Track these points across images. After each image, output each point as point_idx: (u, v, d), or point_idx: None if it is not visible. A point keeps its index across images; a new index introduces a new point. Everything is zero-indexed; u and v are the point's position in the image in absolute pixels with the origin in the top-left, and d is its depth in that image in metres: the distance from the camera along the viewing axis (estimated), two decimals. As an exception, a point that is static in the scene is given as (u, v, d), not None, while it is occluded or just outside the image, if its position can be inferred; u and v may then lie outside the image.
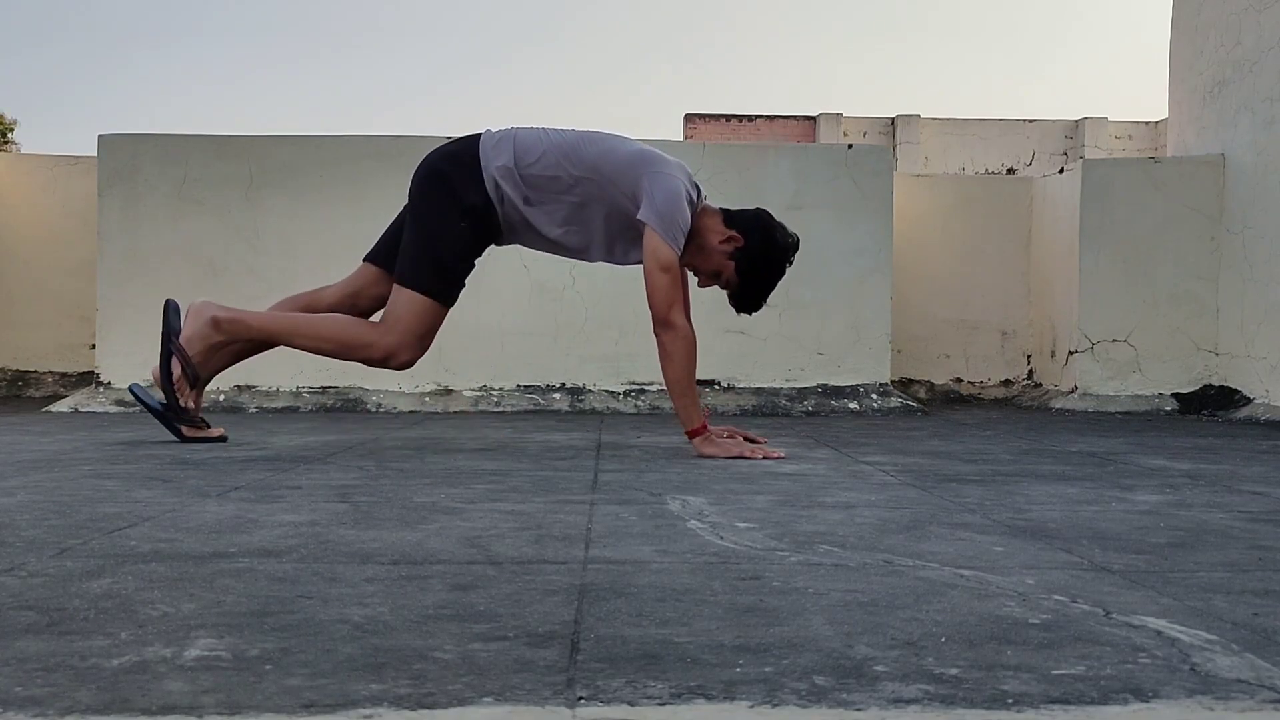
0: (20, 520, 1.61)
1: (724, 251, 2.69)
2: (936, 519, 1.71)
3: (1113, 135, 20.94)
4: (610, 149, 2.67)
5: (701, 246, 2.70)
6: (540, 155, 2.66)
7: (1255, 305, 4.45)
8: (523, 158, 2.66)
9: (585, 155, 2.65)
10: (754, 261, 2.69)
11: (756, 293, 2.74)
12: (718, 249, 2.69)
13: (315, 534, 1.51)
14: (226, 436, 2.87)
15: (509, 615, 1.07)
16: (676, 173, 2.65)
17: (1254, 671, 0.91)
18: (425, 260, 2.69)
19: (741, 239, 2.68)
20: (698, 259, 2.72)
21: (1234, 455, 2.83)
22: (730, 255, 2.69)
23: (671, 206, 2.59)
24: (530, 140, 2.69)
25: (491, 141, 2.70)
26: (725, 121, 21.39)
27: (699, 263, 2.73)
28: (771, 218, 2.76)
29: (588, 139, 2.70)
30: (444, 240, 2.69)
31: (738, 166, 4.56)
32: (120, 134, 4.46)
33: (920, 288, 5.27)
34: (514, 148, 2.67)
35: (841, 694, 0.84)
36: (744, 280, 2.72)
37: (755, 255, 2.69)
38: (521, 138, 2.69)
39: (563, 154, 2.66)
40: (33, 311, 5.08)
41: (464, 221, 2.68)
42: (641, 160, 2.65)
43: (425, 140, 4.51)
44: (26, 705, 0.80)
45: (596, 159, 2.65)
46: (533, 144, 2.68)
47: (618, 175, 2.64)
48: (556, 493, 1.96)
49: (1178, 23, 5.20)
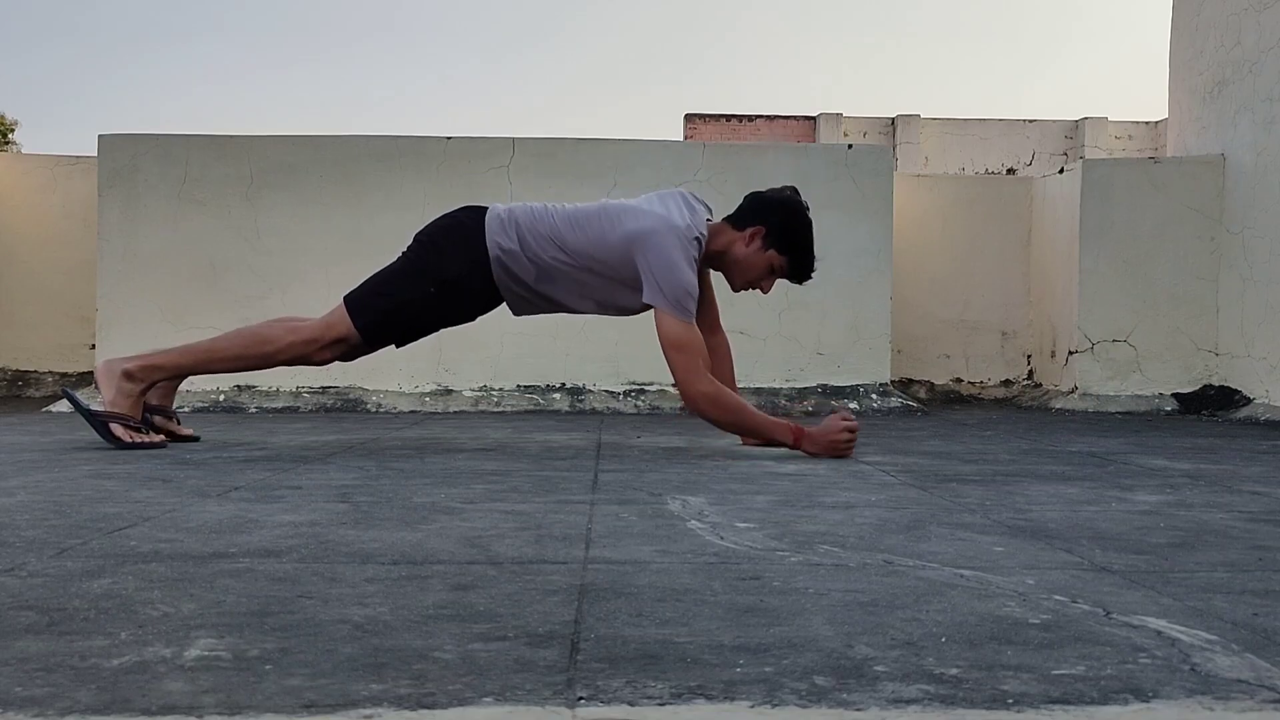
0: (20, 520, 1.61)
1: (759, 249, 2.69)
2: (936, 519, 1.71)
3: (1113, 135, 20.94)
4: (599, 236, 2.62)
5: (738, 261, 2.70)
6: (540, 240, 2.65)
7: (1255, 305, 4.45)
8: (525, 240, 2.65)
9: (578, 245, 2.63)
10: (786, 232, 2.69)
11: (804, 255, 2.73)
12: (751, 252, 2.69)
13: (315, 534, 1.51)
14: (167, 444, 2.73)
15: (509, 615, 1.07)
16: (667, 234, 2.56)
17: (1254, 671, 0.91)
18: (376, 297, 2.70)
19: (761, 227, 2.68)
20: (735, 275, 2.73)
21: (1234, 455, 2.83)
22: (765, 247, 2.69)
23: (672, 278, 2.55)
24: (529, 222, 2.67)
25: (497, 224, 2.68)
26: (725, 121, 21.39)
27: (749, 276, 2.73)
28: (760, 192, 2.77)
29: (577, 223, 2.65)
30: (404, 292, 2.68)
31: (738, 166, 4.56)
32: (120, 134, 4.47)
33: (920, 288, 5.27)
34: (517, 231, 2.66)
35: (841, 694, 0.84)
36: (789, 254, 2.71)
37: (783, 227, 2.69)
38: (522, 220, 2.68)
39: (560, 243, 2.65)
40: (33, 311, 5.08)
41: (433, 288, 2.68)
42: (630, 241, 2.59)
43: (425, 140, 4.53)
44: (26, 705, 0.80)
45: (590, 248, 2.63)
46: (533, 227, 2.66)
47: (613, 265, 2.63)
48: (556, 493, 1.96)
49: (1178, 23, 5.20)
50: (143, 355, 2.74)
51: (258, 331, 2.75)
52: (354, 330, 2.68)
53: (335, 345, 2.69)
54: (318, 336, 2.68)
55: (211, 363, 2.74)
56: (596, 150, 4.55)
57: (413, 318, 2.73)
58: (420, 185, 4.47)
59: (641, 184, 4.53)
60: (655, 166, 4.54)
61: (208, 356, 2.74)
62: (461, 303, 2.74)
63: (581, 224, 2.65)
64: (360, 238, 4.47)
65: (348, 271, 4.44)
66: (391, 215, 4.47)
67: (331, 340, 2.68)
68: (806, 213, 2.74)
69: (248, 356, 2.73)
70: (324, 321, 2.70)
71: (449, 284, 2.68)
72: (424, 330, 2.80)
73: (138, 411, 2.68)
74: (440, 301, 2.70)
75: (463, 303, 2.74)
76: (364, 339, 2.70)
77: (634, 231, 2.59)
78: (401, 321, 2.72)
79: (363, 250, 4.47)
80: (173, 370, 2.73)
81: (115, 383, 2.66)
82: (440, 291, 2.68)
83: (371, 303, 2.69)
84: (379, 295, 2.70)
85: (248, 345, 2.72)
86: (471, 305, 2.76)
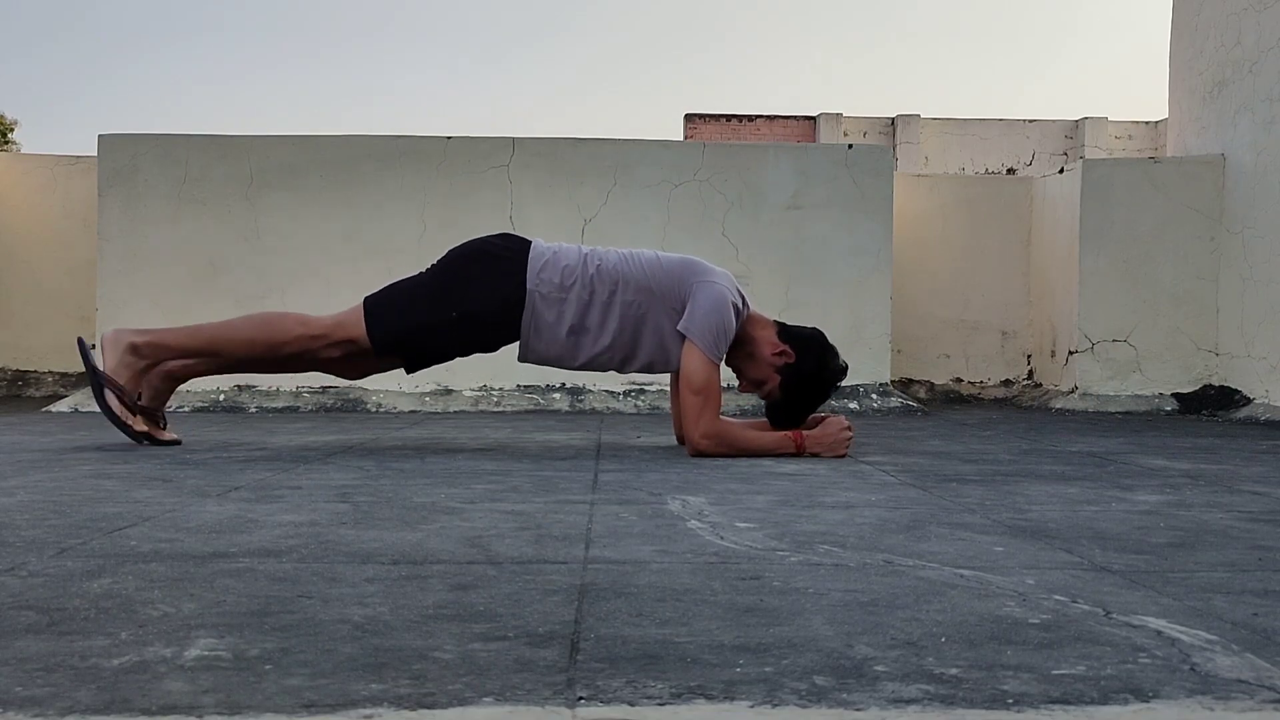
0: (20, 520, 1.61)
1: (774, 364, 2.67)
2: (936, 519, 1.71)
3: (1113, 135, 20.94)
4: (653, 261, 2.66)
5: (752, 355, 2.69)
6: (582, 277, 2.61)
7: (1255, 305, 4.45)
8: (567, 280, 2.61)
9: (633, 275, 2.62)
10: (803, 380, 2.67)
11: (798, 410, 2.70)
12: (768, 360, 2.67)
13: (315, 534, 1.51)
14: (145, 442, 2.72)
15: (509, 615, 1.07)
16: (723, 281, 2.63)
17: (1254, 671, 0.91)
18: (396, 312, 2.63)
19: (793, 355, 2.66)
20: (747, 366, 2.71)
21: (1234, 455, 2.83)
22: (779, 369, 2.67)
23: (716, 317, 2.57)
24: (573, 261, 2.64)
25: (539, 262, 2.63)
26: (725, 121, 21.39)
27: (747, 369, 2.72)
28: (825, 339, 2.73)
29: (630, 256, 2.67)
30: (423, 315, 2.62)
31: (738, 166, 4.56)
32: (120, 134, 4.47)
33: (920, 288, 5.27)
34: (560, 273, 2.62)
35: (841, 694, 0.84)
36: (787, 396, 2.69)
37: (806, 375, 2.67)
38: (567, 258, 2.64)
39: (613, 275, 2.62)
40: (33, 311, 5.08)
41: (454, 314, 2.62)
42: (689, 269, 2.64)
43: (425, 140, 4.53)
44: (26, 705, 0.80)
45: (644, 277, 2.62)
46: (575, 265, 2.63)
47: (666, 289, 2.62)
48: (556, 493, 1.96)
49: (1178, 23, 5.20)
50: (152, 330, 2.69)
51: (268, 318, 2.69)
52: (365, 335, 2.62)
53: (344, 345, 2.63)
54: (327, 332, 2.62)
55: (218, 344, 2.66)
56: (596, 150, 4.54)
57: (427, 341, 2.66)
58: (420, 185, 4.47)
59: (641, 184, 4.54)
60: (655, 166, 4.54)
61: (215, 337, 2.66)
62: (481, 335, 2.68)
63: (634, 257, 2.67)
64: (360, 238, 4.47)
65: (348, 271, 4.46)
66: (391, 215, 4.47)
67: (342, 339, 2.62)
68: (831, 388, 2.72)
69: (256, 342, 2.64)
70: (337, 319, 2.65)
71: (471, 315, 2.62)
72: (438, 357, 2.73)
73: (136, 386, 2.64)
74: (458, 329, 2.64)
75: (483, 335, 2.68)
76: (375, 349, 2.64)
77: (696, 265, 2.66)
78: (416, 343, 2.66)
79: (363, 250, 4.48)
80: (179, 351, 2.66)
81: (119, 353, 2.62)
82: (461, 319, 2.62)
83: (389, 316, 2.63)
84: (398, 311, 2.63)
85: (257, 330, 2.65)
86: (493, 338, 2.70)
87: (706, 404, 2.57)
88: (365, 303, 2.66)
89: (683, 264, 2.66)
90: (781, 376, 2.67)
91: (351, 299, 4.42)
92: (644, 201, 4.53)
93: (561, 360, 2.71)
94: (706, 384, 2.57)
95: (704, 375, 2.57)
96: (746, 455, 2.60)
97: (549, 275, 2.61)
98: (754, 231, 4.51)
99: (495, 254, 2.66)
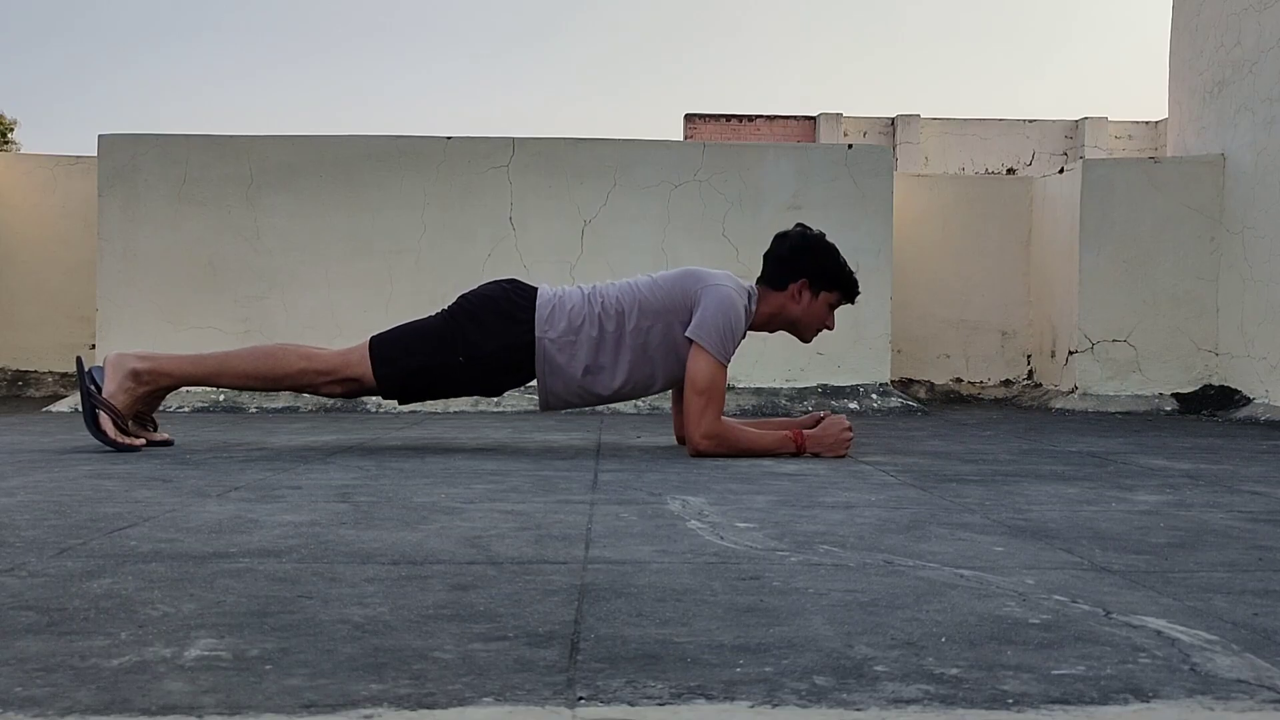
0: (20, 520, 1.61)
1: (810, 299, 2.74)
2: (936, 519, 1.71)
3: (1113, 135, 20.94)
4: (650, 284, 2.69)
5: (799, 319, 2.76)
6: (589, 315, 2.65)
7: (1255, 305, 4.45)
8: (575, 320, 2.64)
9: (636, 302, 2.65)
10: (825, 272, 2.75)
11: (849, 281, 2.78)
12: (806, 304, 2.75)
13: (315, 534, 1.51)
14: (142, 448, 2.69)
15: (509, 615, 1.07)
16: (727, 282, 2.67)
17: (1254, 671, 0.91)
18: (404, 353, 2.65)
19: (802, 279, 2.73)
20: (813, 324, 2.78)
21: (1234, 455, 2.83)
22: (815, 294, 2.74)
23: (722, 318, 2.61)
24: (578, 302, 2.67)
25: (546, 309, 2.66)
26: (725, 121, 21.39)
27: (814, 324, 2.79)
28: (777, 249, 2.78)
29: (628, 287, 2.70)
30: (431, 357, 2.65)
31: (738, 166, 4.56)
32: (120, 134, 4.47)
33: (920, 288, 5.27)
34: (568, 316, 2.65)
35: (841, 694, 0.84)
36: (838, 287, 2.77)
37: (820, 268, 2.74)
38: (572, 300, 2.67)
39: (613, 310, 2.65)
40: (33, 311, 5.08)
41: (462, 358, 2.64)
42: (690, 278, 2.68)
43: (425, 140, 4.53)
44: (26, 705, 0.80)
45: (646, 300, 2.65)
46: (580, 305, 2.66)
47: (672, 303, 2.65)
48: (556, 493, 1.96)
49: (1178, 23, 5.20)
50: (154, 357, 2.68)
51: (272, 352, 2.71)
52: (371, 375, 2.64)
53: (348, 383, 2.66)
54: (333, 370, 2.65)
55: (220, 377, 2.69)
56: (596, 150, 4.55)
57: (434, 382, 2.69)
58: (420, 185, 4.47)
59: (641, 184, 4.54)
60: (655, 166, 4.54)
61: (218, 369, 2.69)
62: (487, 379, 2.71)
63: (633, 284, 2.71)
64: (360, 238, 4.47)
65: (348, 272, 4.46)
66: (391, 215, 4.47)
67: (347, 377, 2.65)
68: (826, 240, 2.78)
69: (257, 375, 2.67)
70: (343, 357, 2.66)
71: (479, 360, 2.65)
72: (442, 395, 2.77)
73: (131, 411, 2.66)
74: (464, 373, 2.67)
75: (488, 379, 2.71)
76: (380, 388, 2.67)
77: (694, 272, 2.70)
78: (421, 384, 2.69)
79: (362, 250, 4.48)
80: (180, 380, 2.68)
81: (120, 378, 2.63)
82: (469, 364, 2.65)
83: (397, 357, 2.65)
84: (407, 352, 2.66)
85: (260, 361, 2.68)
86: (498, 382, 2.73)
87: (709, 404, 2.59)
88: (371, 343, 2.68)
89: (682, 275, 2.70)
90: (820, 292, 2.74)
91: (351, 299, 4.45)
92: (644, 202, 4.53)
93: (584, 400, 2.75)
94: (711, 384, 2.59)
95: (709, 376, 2.59)
96: (747, 455, 2.61)
97: (558, 320, 2.65)
98: (754, 232, 4.51)
99: (505, 300, 2.70)
